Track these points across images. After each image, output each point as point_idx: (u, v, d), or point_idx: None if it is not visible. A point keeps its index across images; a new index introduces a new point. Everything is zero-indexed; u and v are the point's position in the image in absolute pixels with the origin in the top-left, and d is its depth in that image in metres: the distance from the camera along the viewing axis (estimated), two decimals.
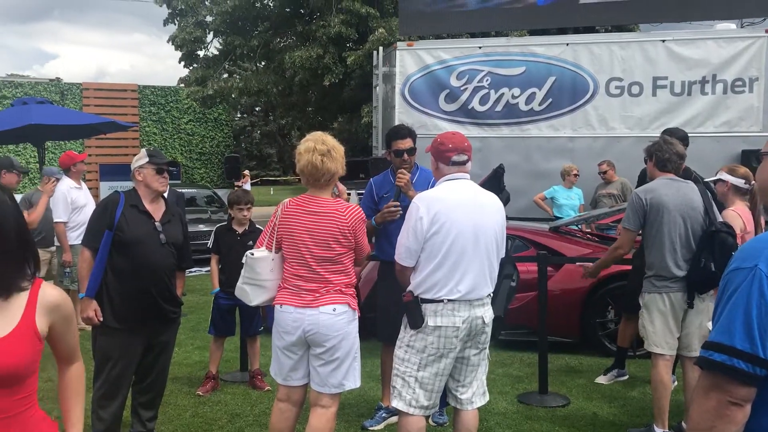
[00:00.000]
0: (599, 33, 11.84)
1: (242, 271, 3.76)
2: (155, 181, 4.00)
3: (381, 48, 10.76)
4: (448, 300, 3.33)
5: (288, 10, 17.15)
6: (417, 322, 3.36)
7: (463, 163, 3.52)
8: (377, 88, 10.81)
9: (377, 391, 5.03)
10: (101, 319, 3.91)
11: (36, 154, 13.59)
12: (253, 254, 3.71)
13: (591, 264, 5.01)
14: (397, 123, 9.22)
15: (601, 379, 5.54)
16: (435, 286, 3.36)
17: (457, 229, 3.34)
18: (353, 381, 3.63)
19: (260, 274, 3.67)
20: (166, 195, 4.23)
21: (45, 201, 6.34)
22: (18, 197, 6.43)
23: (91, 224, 4.04)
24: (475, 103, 10.04)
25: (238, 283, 3.76)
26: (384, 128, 10.21)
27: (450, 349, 3.36)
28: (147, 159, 4.01)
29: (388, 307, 4.41)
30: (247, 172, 14.47)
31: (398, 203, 4.30)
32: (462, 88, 10.06)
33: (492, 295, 3.52)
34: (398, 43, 10.32)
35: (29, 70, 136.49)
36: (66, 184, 7.34)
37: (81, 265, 3.98)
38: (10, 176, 6.19)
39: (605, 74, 9.83)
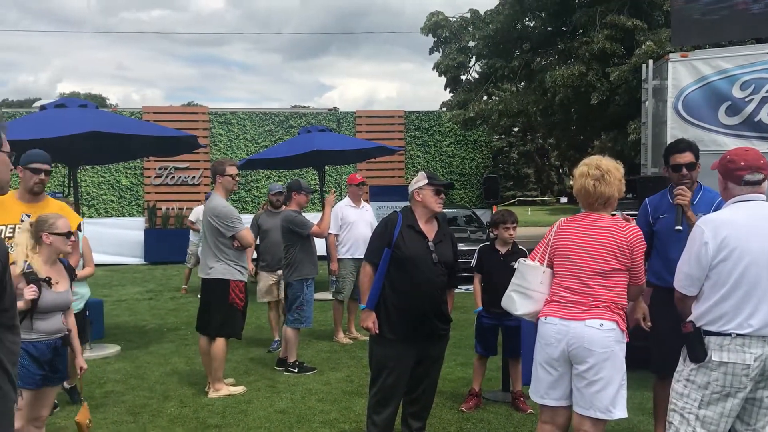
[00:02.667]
0: None
1: (512, 278, 3.77)
2: (433, 201, 4.22)
3: (651, 61, 10.17)
4: (737, 334, 3.01)
5: (549, 28, 17.00)
6: (699, 356, 3.09)
7: (758, 182, 3.18)
8: (646, 102, 10.20)
9: (648, 426, 4.72)
10: (377, 330, 4.19)
11: (316, 177, 15.04)
12: (525, 260, 3.73)
13: None
14: (669, 138, 8.65)
15: None
16: (721, 318, 3.06)
17: (750, 256, 3.02)
18: (621, 409, 3.44)
19: (530, 283, 3.65)
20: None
21: (329, 212, 6.93)
22: (247, 218, 7.18)
23: (372, 241, 4.37)
24: (763, 115, 9.01)
25: (506, 292, 3.77)
26: (654, 145, 9.63)
27: (738, 388, 3.03)
28: (426, 181, 4.24)
29: (663, 337, 4.12)
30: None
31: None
32: (747, 100, 9.08)
33: None
34: (671, 55, 9.66)
35: (310, 101, 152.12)
36: (344, 201, 8.16)
37: (363, 279, 4.32)
38: (299, 197, 6.88)
39: None
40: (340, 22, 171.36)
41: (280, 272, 7.17)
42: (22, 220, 4.38)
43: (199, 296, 6.34)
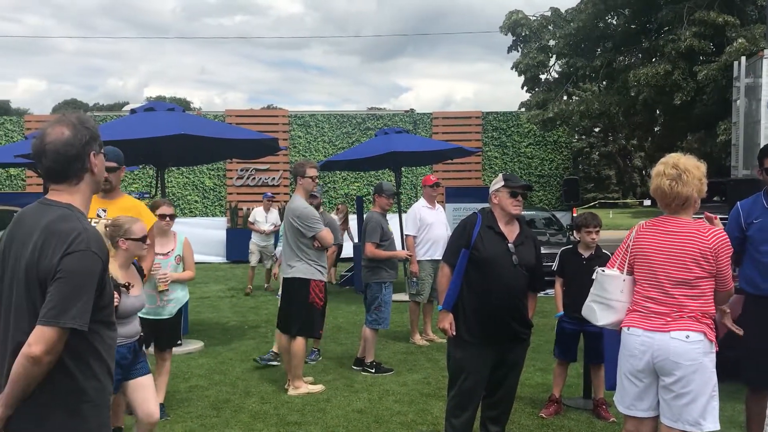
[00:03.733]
0: None
1: (591, 288, 3.68)
2: (509, 204, 4.16)
3: (743, 58, 9.71)
4: None
5: (633, 26, 16.49)
6: None
7: None
8: (737, 102, 9.76)
9: None
10: (455, 332, 4.17)
11: (392, 179, 15.08)
12: (603, 270, 3.63)
13: None
14: (763, 139, 8.25)
15: None
16: None
17: None
18: (712, 421, 3.29)
19: (610, 293, 3.55)
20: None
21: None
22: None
23: (451, 242, 4.35)
24: None
25: (586, 302, 3.69)
26: (746, 146, 9.19)
27: None
28: (503, 183, 4.19)
29: (757, 347, 3.93)
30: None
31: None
32: None
33: None
34: (765, 51, 9.22)
35: (386, 103, 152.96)
36: (420, 203, 8.15)
37: (440, 280, 4.30)
38: (381, 199, 6.89)
39: None
40: (417, 23, 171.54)
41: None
42: (99, 215, 4.37)
43: (278, 295, 6.46)
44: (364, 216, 7.25)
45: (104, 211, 4.35)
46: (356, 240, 13.06)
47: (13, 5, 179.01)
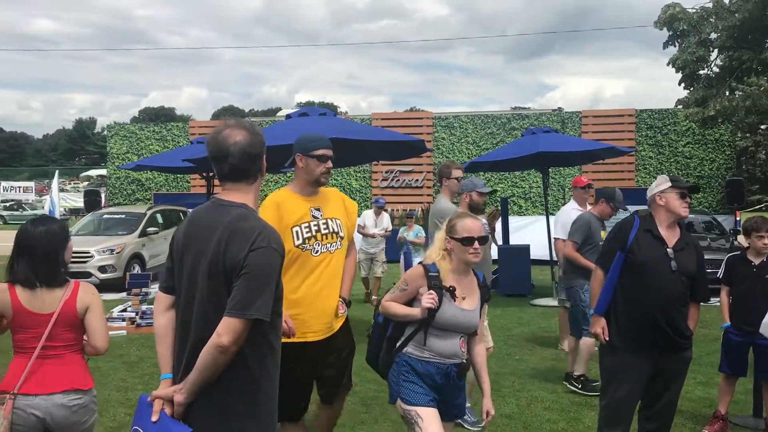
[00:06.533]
0: None
1: None
2: (678, 206, 3.92)
3: None
4: None
5: None
6: None
7: None
8: None
9: None
10: (607, 338, 3.99)
11: (539, 180, 14.75)
12: None
13: None
14: None
15: None
16: None
17: None
18: None
19: None
20: None
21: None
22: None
23: (605, 245, 4.18)
24: None
25: (765, 320, 3.40)
26: None
27: None
28: (669, 184, 3.95)
29: None
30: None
31: None
32: None
33: None
34: None
35: (531, 102, 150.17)
36: (570, 205, 7.88)
37: (593, 283, 4.14)
38: (605, 207, 6.46)
39: None
40: (565, 20, 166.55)
41: None
42: (315, 217, 3.79)
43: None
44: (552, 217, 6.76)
45: (318, 210, 3.83)
46: (500, 243, 12.89)
47: (179, 19, 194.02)
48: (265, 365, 2.39)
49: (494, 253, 13.08)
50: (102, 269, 12.35)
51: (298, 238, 3.70)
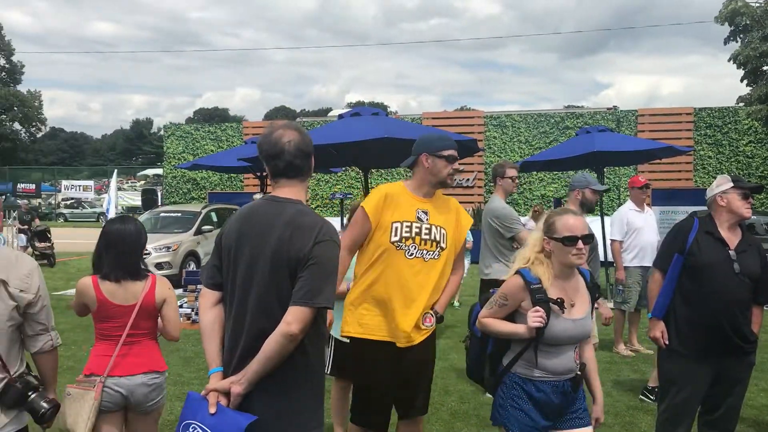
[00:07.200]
0: None
1: None
2: (741, 207, 3.81)
3: None
4: None
5: None
6: None
7: None
8: None
9: None
10: (667, 341, 3.90)
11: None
12: None
13: None
14: None
15: None
16: None
17: None
18: None
19: None
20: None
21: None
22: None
23: (663, 247, 4.09)
24: None
25: None
26: None
27: None
28: (731, 184, 3.85)
29: None
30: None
31: None
32: None
33: None
34: None
35: (584, 101, 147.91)
36: (627, 205, 7.72)
37: (651, 286, 4.05)
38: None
39: None
40: (620, 17, 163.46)
41: None
42: (419, 219, 3.58)
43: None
44: None
45: (425, 213, 3.60)
46: None
47: (233, 21, 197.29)
48: (320, 351, 2.54)
49: None
50: (158, 266, 12.64)
51: (395, 235, 3.51)
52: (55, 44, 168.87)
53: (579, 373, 3.01)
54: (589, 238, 2.95)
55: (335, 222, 15.39)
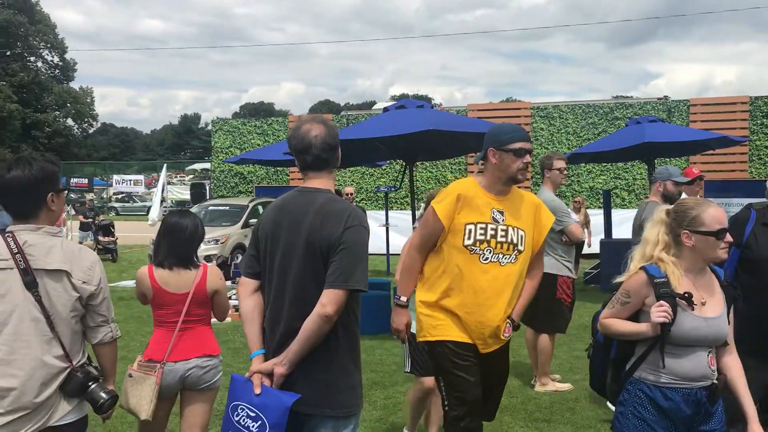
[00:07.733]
0: None
1: None
2: None
3: None
4: None
5: None
6: None
7: None
8: None
9: None
10: None
11: (643, 171, 14.17)
12: None
13: None
14: None
15: None
16: None
17: None
18: None
19: None
20: None
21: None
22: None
23: None
24: None
25: None
26: None
27: None
28: None
29: None
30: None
31: None
32: None
33: None
34: None
35: (633, 91, 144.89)
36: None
37: None
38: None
39: None
40: (670, 4, 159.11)
41: None
42: (495, 220, 3.37)
43: None
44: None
45: (501, 213, 3.40)
46: (603, 236, 12.52)
47: (278, 16, 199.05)
48: (354, 334, 2.64)
49: (596, 246, 12.76)
50: (207, 258, 12.83)
51: (469, 238, 3.33)
52: (107, 41, 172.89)
53: (716, 381, 2.72)
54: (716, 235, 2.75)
55: (380, 215, 15.45)
